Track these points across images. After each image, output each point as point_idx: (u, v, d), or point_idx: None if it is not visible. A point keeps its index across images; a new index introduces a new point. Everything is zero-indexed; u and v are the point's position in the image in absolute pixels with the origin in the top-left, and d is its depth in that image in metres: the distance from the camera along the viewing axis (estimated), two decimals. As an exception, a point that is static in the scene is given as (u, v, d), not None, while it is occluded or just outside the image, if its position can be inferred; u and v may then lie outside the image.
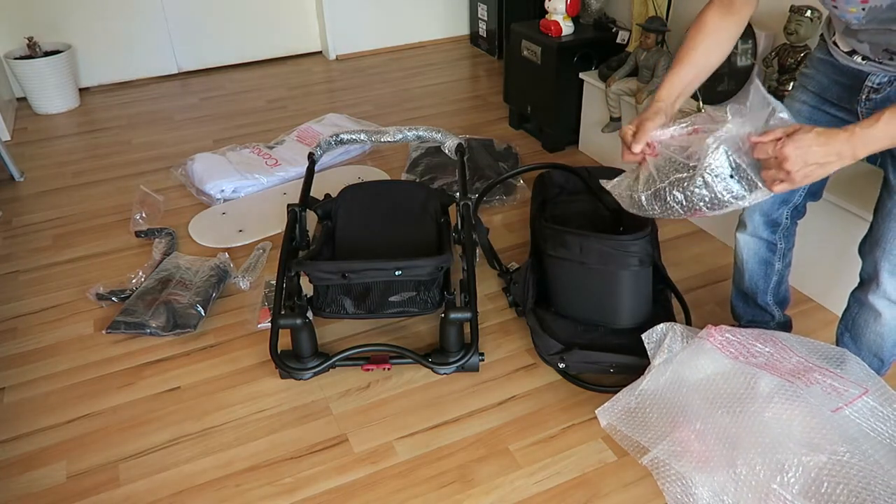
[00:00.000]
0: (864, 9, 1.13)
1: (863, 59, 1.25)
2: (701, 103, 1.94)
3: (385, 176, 2.73)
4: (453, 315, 1.64)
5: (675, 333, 1.55)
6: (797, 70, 2.02)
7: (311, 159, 2.14)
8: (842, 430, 1.29)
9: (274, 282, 1.87)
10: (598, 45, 2.69)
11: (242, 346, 1.89)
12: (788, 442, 1.30)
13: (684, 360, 1.49)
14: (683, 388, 1.46)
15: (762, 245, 1.62)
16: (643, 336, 1.57)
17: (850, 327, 1.52)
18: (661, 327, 1.57)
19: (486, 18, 3.97)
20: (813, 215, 1.59)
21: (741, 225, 1.63)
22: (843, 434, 1.29)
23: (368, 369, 1.76)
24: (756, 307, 1.75)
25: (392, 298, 1.77)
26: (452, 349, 1.70)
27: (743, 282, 1.72)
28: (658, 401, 1.50)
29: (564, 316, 1.80)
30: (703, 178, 1.16)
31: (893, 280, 1.36)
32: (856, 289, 1.48)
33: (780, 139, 1.08)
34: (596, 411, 1.58)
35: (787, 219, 1.57)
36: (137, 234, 2.36)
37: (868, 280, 1.42)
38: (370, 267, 1.71)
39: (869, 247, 1.39)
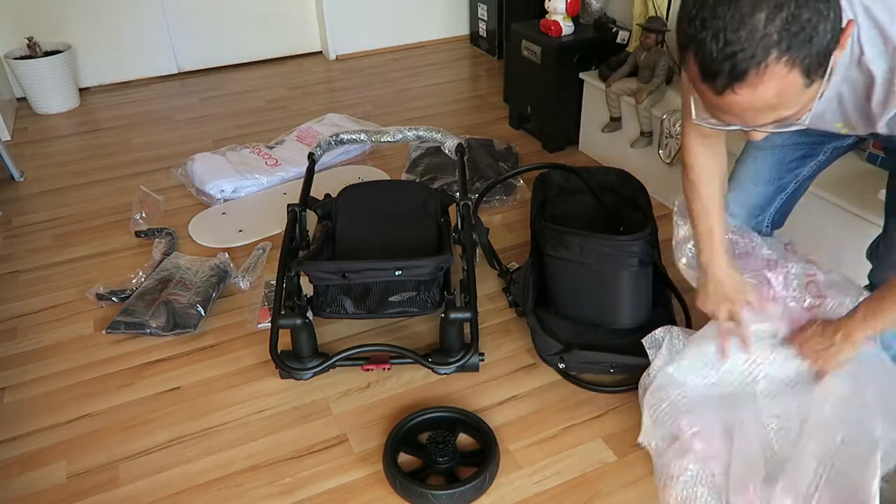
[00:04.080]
0: None
1: None
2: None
3: (385, 176, 2.73)
4: (453, 315, 1.64)
5: (674, 336, 1.54)
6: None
7: (311, 159, 2.14)
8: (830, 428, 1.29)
9: (274, 282, 1.87)
10: (598, 45, 2.69)
11: (242, 346, 1.89)
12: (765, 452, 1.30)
13: (687, 354, 1.48)
14: (685, 387, 1.45)
15: None
16: (643, 340, 1.55)
17: None
18: (659, 331, 1.55)
19: (486, 18, 3.97)
20: (809, 214, 1.57)
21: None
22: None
23: (368, 369, 1.75)
24: None
25: (392, 298, 1.76)
26: (452, 349, 1.69)
27: None
28: (665, 400, 1.48)
29: (564, 316, 1.80)
30: None
31: None
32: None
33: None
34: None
35: (767, 227, 1.55)
36: (137, 234, 2.36)
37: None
38: (370, 267, 1.71)
39: (884, 249, 1.35)
